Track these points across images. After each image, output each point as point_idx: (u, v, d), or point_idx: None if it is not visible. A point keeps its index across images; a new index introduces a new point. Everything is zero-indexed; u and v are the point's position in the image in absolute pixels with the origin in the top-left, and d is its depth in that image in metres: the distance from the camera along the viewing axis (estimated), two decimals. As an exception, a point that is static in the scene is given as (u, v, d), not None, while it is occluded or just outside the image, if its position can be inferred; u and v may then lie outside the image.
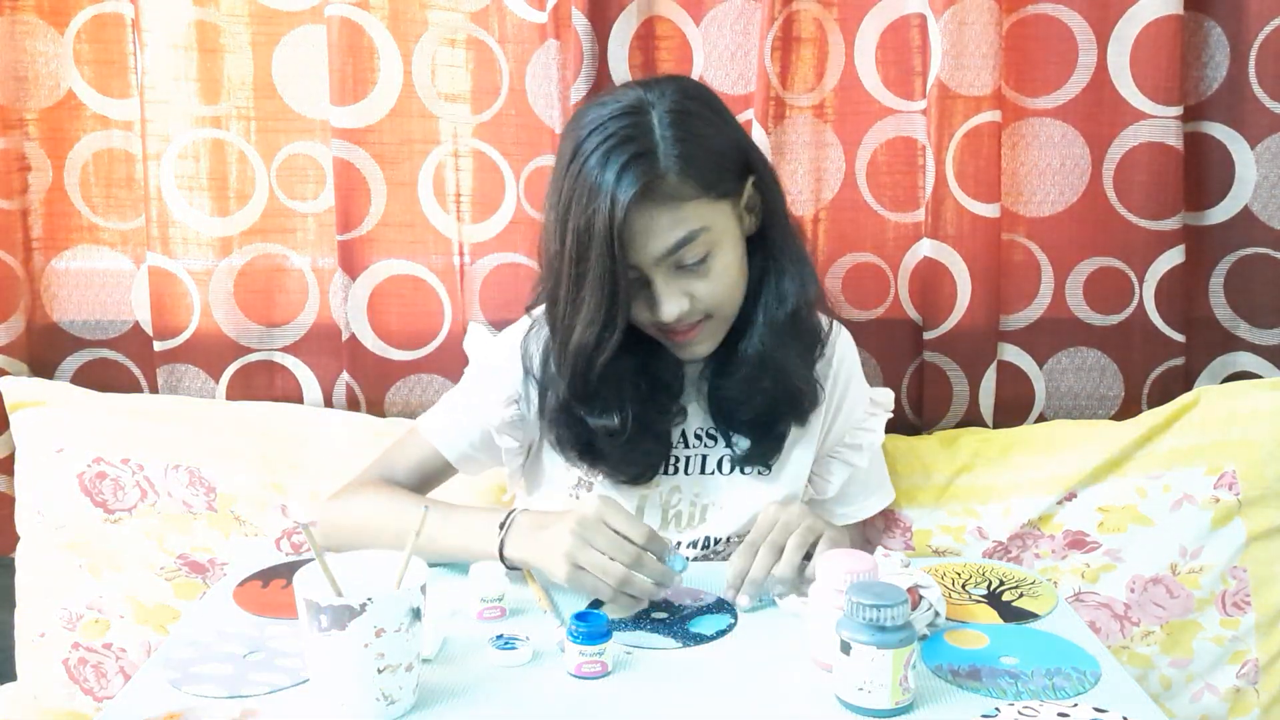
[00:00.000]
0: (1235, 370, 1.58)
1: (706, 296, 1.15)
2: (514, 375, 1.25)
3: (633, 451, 1.21)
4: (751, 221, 1.19)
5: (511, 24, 1.49)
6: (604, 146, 1.10)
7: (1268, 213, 1.54)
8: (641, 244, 1.11)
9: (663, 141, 1.10)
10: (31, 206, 1.55)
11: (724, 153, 1.15)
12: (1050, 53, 1.50)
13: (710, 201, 1.13)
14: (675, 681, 0.94)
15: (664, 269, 1.13)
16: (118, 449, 1.44)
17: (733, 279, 1.16)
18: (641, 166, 1.08)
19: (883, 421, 1.32)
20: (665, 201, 1.10)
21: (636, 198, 1.08)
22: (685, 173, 1.10)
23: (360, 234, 1.53)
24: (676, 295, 1.14)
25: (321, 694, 0.87)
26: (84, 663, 1.42)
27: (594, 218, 1.09)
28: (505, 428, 1.25)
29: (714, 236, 1.13)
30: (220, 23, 1.50)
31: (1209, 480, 1.42)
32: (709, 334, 1.18)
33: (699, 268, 1.14)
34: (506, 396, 1.25)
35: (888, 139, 1.53)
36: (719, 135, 1.16)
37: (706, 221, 1.12)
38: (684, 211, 1.11)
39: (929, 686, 0.93)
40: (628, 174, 1.08)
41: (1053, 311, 1.56)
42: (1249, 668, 1.41)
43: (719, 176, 1.14)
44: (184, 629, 1.04)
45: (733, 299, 1.18)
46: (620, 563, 1.02)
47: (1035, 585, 1.14)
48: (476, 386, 1.29)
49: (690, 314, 1.15)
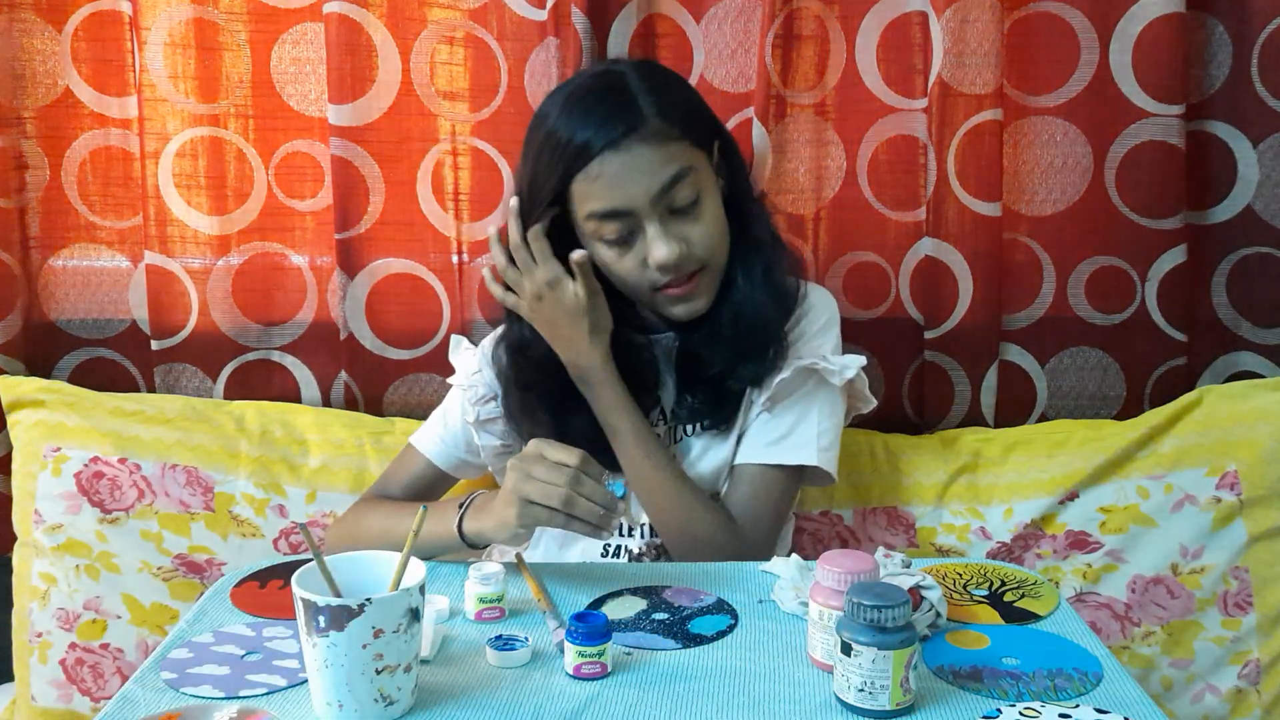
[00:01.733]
0: (1237, 370, 1.58)
1: (701, 241, 1.18)
2: (489, 375, 1.30)
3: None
4: (723, 185, 1.24)
5: (511, 22, 1.49)
6: (583, 102, 1.17)
7: (1270, 212, 1.54)
8: (635, 185, 1.15)
9: (639, 92, 1.16)
10: (29, 205, 1.54)
11: (695, 109, 1.22)
12: (1052, 51, 1.50)
13: (693, 147, 1.18)
14: (675, 682, 0.93)
15: (658, 212, 1.16)
16: (115, 448, 1.43)
17: (722, 226, 1.21)
18: (624, 111, 1.15)
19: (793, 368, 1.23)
20: (651, 140, 1.15)
21: (624, 139, 1.14)
22: (666, 115, 1.16)
23: (358, 232, 1.52)
24: (671, 238, 1.17)
25: (319, 695, 0.87)
26: (81, 663, 1.41)
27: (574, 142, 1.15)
28: (483, 426, 1.29)
29: (701, 179, 1.18)
30: (218, 20, 1.49)
31: (1211, 480, 1.42)
32: (705, 287, 1.21)
33: (691, 211, 1.18)
34: (482, 395, 1.30)
35: (889, 137, 1.52)
36: (688, 93, 1.24)
37: (693, 162, 1.17)
38: (671, 150, 1.16)
39: (930, 688, 0.92)
40: (613, 116, 1.15)
41: (1054, 311, 1.56)
42: (1250, 668, 1.40)
43: (695, 125, 1.20)
44: (181, 629, 1.04)
45: (723, 245, 1.21)
46: (558, 486, 1.03)
47: (1037, 586, 1.13)
48: (456, 392, 1.34)
49: (686, 260, 1.18)
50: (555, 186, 1.17)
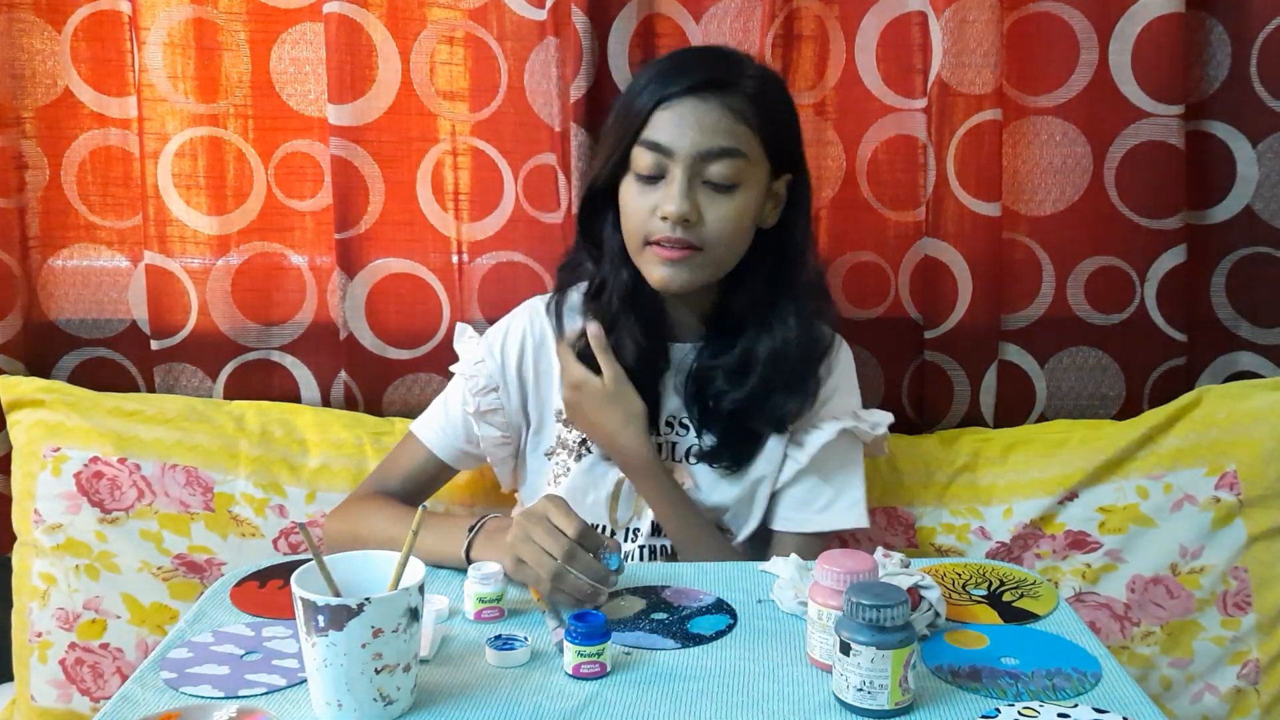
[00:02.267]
0: (1237, 370, 1.58)
1: (711, 224, 1.17)
2: (493, 366, 1.30)
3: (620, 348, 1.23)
4: (771, 212, 1.23)
5: (510, 21, 1.49)
6: (692, 53, 1.20)
7: (1269, 212, 1.54)
8: (689, 131, 1.16)
9: (750, 75, 1.18)
10: (28, 205, 1.54)
11: (785, 130, 1.22)
12: (1051, 51, 1.50)
13: (761, 145, 1.18)
14: (674, 682, 0.93)
15: (691, 170, 1.16)
16: (115, 449, 1.43)
17: (741, 226, 1.19)
18: (724, 67, 1.17)
19: (838, 429, 1.25)
20: (730, 108, 1.16)
21: (709, 86, 1.15)
22: (756, 102, 1.17)
23: (358, 232, 1.52)
24: (690, 199, 1.16)
25: (319, 695, 0.87)
26: (81, 663, 1.41)
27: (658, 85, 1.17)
28: (484, 416, 1.29)
29: (749, 175, 1.18)
30: (218, 20, 1.49)
31: (1210, 480, 1.42)
32: (690, 266, 1.19)
33: (721, 192, 1.17)
34: (483, 386, 1.30)
35: (888, 137, 1.52)
36: (791, 116, 1.24)
37: (751, 155, 1.17)
38: (741, 130, 1.16)
39: (929, 687, 0.92)
40: (710, 66, 1.17)
41: (1054, 311, 1.56)
42: (1250, 668, 1.40)
43: (776, 138, 1.20)
44: (181, 629, 1.04)
45: (730, 244, 1.20)
46: (551, 556, 1.02)
47: (1035, 586, 1.13)
48: (458, 381, 1.33)
49: (689, 228, 1.17)
50: (644, 111, 1.17)
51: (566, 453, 1.29)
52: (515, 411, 1.31)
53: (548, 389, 1.31)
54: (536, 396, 1.31)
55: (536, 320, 1.32)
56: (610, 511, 1.28)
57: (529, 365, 1.31)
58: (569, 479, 1.27)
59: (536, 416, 1.32)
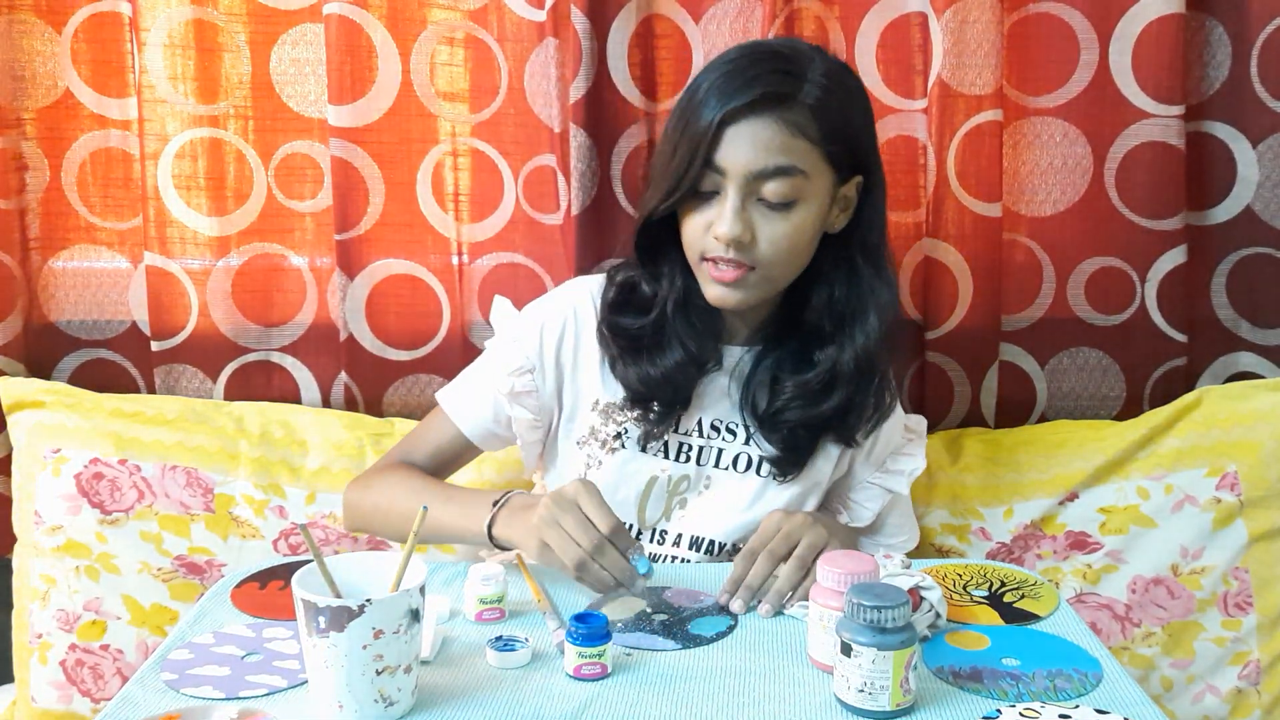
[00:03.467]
0: (1237, 370, 1.58)
1: (766, 243, 1.13)
2: (531, 345, 1.26)
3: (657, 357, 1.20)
4: (839, 217, 1.18)
5: (510, 23, 1.49)
6: (755, 54, 1.13)
7: (1270, 212, 1.54)
8: (741, 151, 1.11)
9: (812, 78, 1.11)
10: (29, 206, 1.54)
11: (854, 132, 1.16)
12: (1052, 52, 1.50)
13: (823, 158, 1.13)
14: (675, 683, 0.93)
15: (745, 189, 1.12)
16: (115, 450, 1.43)
17: (799, 243, 1.15)
18: (784, 79, 1.10)
19: (922, 448, 1.30)
20: (786, 124, 1.11)
21: (762, 102, 1.09)
22: (819, 113, 1.11)
23: (358, 233, 1.52)
24: (741, 221, 1.12)
25: (320, 696, 0.87)
26: (81, 664, 1.41)
27: (714, 100, 1.11)
28: (516, 398, 1.25)
29: (808, 190, 1.13)
30: (218, 22, 1.49)
31: (1211, 481, 1.42)
32: (748, 285, 1.16)
33: (777, 210, 1.13)
34: (519, 366, 1.25)
35: (889, 138, 1.52)
36: (860, 116, 1.17)
37: (810, 170, 1.12)
38: (797, 145, 1.11)
39: (930, 688, 0.92)
40: (766, 78, 1.10)
41: (1054, 311, 1.56)
42: (1250, 669, 1.40)
43: (842, 144, 1.14)
44: (182, 630, 1.04)
45: (787, 263, 1.16)
46: (582, 547, 1.02)
47: (1036, 586, 1.13)
48: (492, 358, 1.29)
49: (743, 251, 1.13)
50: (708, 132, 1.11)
51: (599, 444, 1.25)
52: (550, 395, 1.26)
53: (586, 375, 1.25)
54: (573, 382, 1.26)
55: (580, 304, 1.26)
56: (639, 510, 1.24)
57: (568, 349, 1.25)
58: (600, 472, 1.24)
59: (571, 402, 1.26)
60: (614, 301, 1.24)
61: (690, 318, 1.22)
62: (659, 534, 1.25)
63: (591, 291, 1.27)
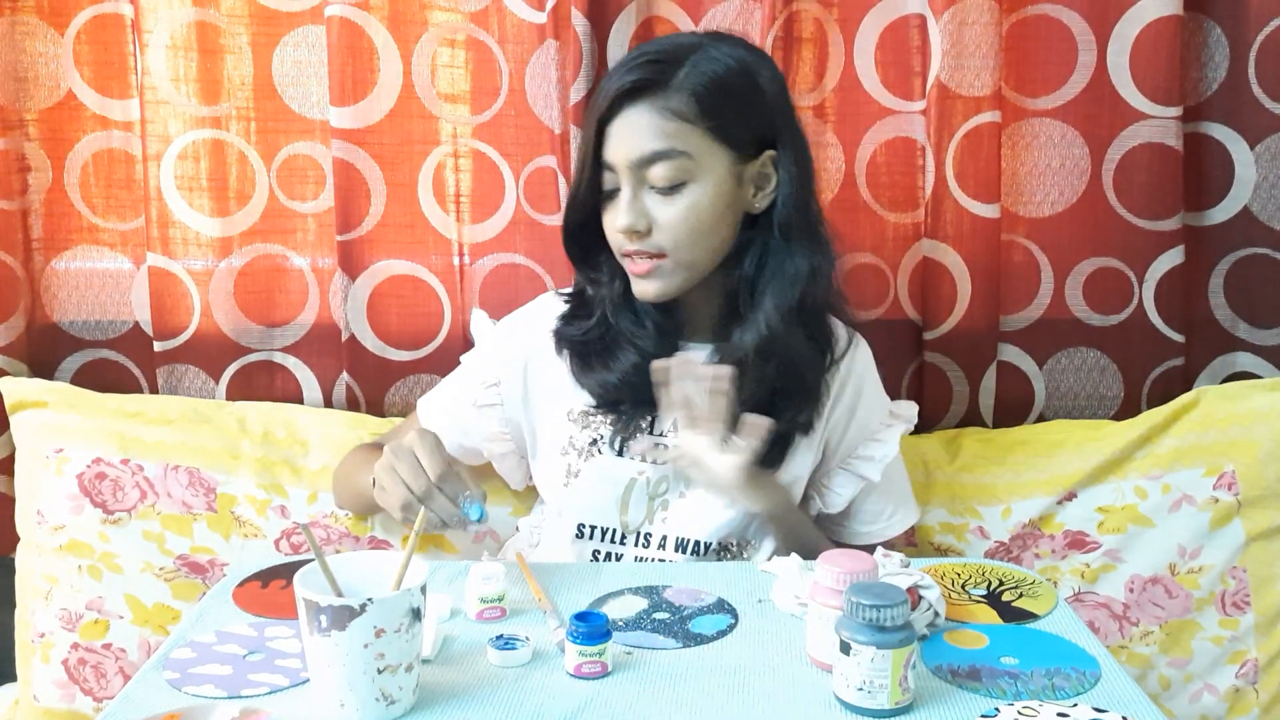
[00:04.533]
0: (1235, 370, 1.58)
1: (665, 227, 1.15)
2: (500, 359, 1.29)
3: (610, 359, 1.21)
4: (759, 197, 1.19)
5: (511, 24, 1.49)
6: (636, 53, 1.17)
7: (1267, 213, 1.54)
8: (620, 143, 1.14)
9: (690, 65, 1.14)
10: (31, 207, 1.55)
11: (747, 110, 1.16)
12: (1050, 53, 1.50)
13: (707, 136, 1.14)
14: (675, 682, 0.94)
15: (634, 179, 1.15)
16: (117, 450, 1.44)
17: (698, 223, 1.15)
18: (654, 68, 1.13)
19: (898, 434, 1.29)
20: (660, 109, 1.13)
21: (632, 89, 1.12)
22: (693, 94, 1.13)
23: (360, 234, 1.53)
24: (634, 210, 1.15)
25: (321, 695, 0.87)
26: (84, 663, 1.42)
27: (596, 102, 1.15)
28: (481, 410, 1.28)
29: (694, 169, 1.14)
30: (220, 23, 1.50)
31: (1208, 481, 1.42)
32: (661, 274, 1.17)
33: (667, 194, 1.14)
34: (483, 379, 1.29)
35: (887, 139, 1.53)
36: (755, 93, 1.16)
37: (693, 150, 1.14)
38: (673, 127, 1.13)
39: (928, 687, 0.93)
40: (637, 69, 1.13)
41: (1052, 312, 1.56)
42: (1248, 668, 1.41)
43: (729, 123, 1.15)
44: (184, 629, 1.04)
45: (691, 244, 1.16)
46: (411, 491, 1.05)
47: (1035, 585, 1.14)
48: (462, 371, 1.33)
49: (642, 238, 1.15)
50: (593, 134, 1.16)
51: (576, 453, 1.26)
52: (516, 409, 1.28)
53: (558, 386, 1.26)
54: (545, 397, 1.27)
55: (551, 316, 1.28)
56: (622, 514, 1.25)
57: (537, 365, 1.27)
58: (580, 479, 1.25)
59: (545, 415, 1.28)
60: (564, 313, 1.27)
61: (639, 316, 1.23)
62: (644, 537, 1.25)
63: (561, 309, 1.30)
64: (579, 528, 1.25)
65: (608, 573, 1.16)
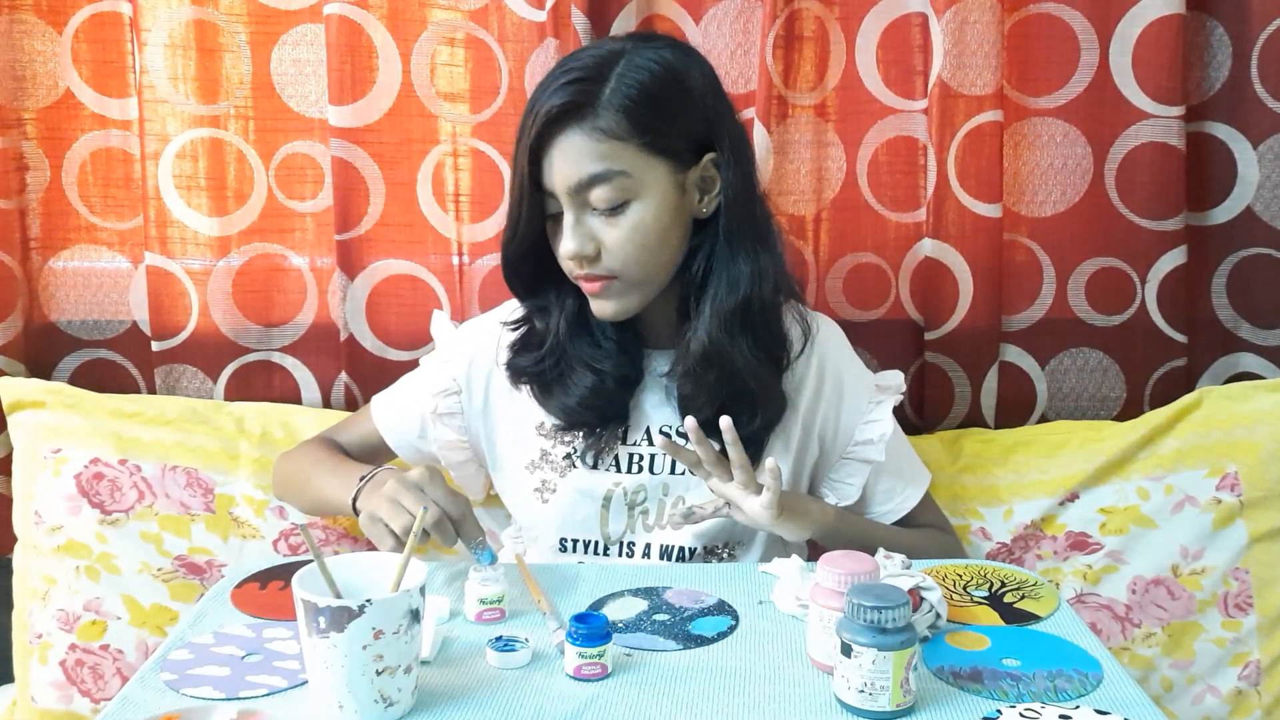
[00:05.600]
0: (1237, 371, 1.58)
1: (612, 249, 1.12)
2: (460, 366, 1.26)
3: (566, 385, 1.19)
4: (706, 202, 1.16)
5: (511, 23, 1.49)
6: (560, 68, 1.12)
7: (1270, 213, 1.54)
8: (557, 168, 1.11)
9: (616, 76, 1.10)
10: (29, 206, 1.54)
11: (680, 117, 1.13)
12: (1052, 52, 1.50)
13: (643, 152, 1.11)
14: (675, 683, 0.93)
15: (575, 204, 1.12)
16: (115, 450, 1.43)
17: (645, 241, 1.12)
18: (579, 89, 1.09)
19: (888, 408, 1.25)
20: (591, 131, 1.09)
21: (560, 114, 1.09)
22: (623, 110, 1.09)
23: (359, 234, 1.52)
24: (580, 235, 1.12)
25: (320, 696, 0.87)
26: (81, 664, 1.41)
27: (525, 128, 1.11)
28: (441, 419, 1.26)
29: (635, 187, 1.11)
30: (219, 22, 1.49)
31: (1211, 482, 1.42)
32: (614, 294, 1.15)
33: (610, 215, 1.12)
34: (444, 388, 1.26)
35: (889, 138, 1.52)
36: (682, 97, 1.13)
37: (630, 168, 1.10)
38: (607, 148, 1.10)
39: (930, 689, 0.92)
40: (562, 91, 1.09)
41: (1055, 312, 1.56)
42: (1251, 669, 1.40)
43: (663, 134, 1.11)
44: (182, 631, 1.04)
45: (641, 262, 1.13)
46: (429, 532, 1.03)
47: (1037, 587, 1.13)
48: (421, 375, 1.30)
49: (592, 263, 1.13)
50: (527, 161, 1.11)
51: (550, 467, 1.24)
52: (476, 419, 1.26)
53: (524, 399, 1.24)
54: (511, 406, 1.25)
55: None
56: (602, 526, 1.23)
57: (500, 374, 1.25)
58: (556, 496, 1.23)
59: (506, 428, 1.26)
60: (514, 342, 1.23)
61: (594, 337, 1.20)
62: (627, 547, 1.24)
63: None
64: (561, 542, 1.25)
65: (608, 574, 1.16)
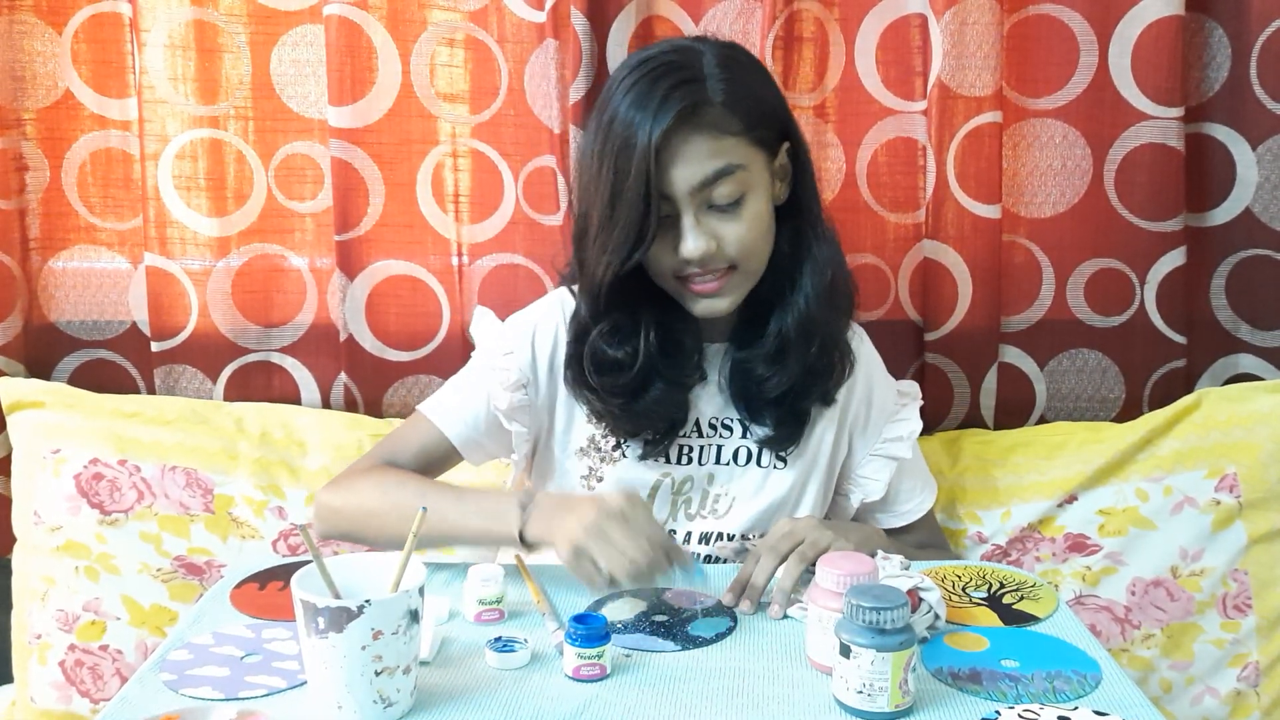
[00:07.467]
0: (1237, 372, 1.58)
1: (735, 242, 1.14)
2: (523, 359, 1.24)
3: (641, 399, 1.19)
4: (782, 189, 1.19)
5: (510, 24, 1.49)
6: (651, 74, 1.11)
7: (1269, 214, 1.54)
8: (678, 171, 1.11)
9: (711, 75, 1.11)
10: (29, 206, 1.54)
11: (767, 105, 1.16)
12: (1051, 53, 1.50)
13: (751, 144, 1.13)
14: (674, 684, 0.93)
15: (695, 203, 1.12)
16: (115, 450, 1.43)
17: (763, 229, 1.16)
18: (688, 90, 1.10)
19: (916, 410, 1.30)
20: (707, 129, 1.10)
21: (679, 119, 1.09)
22: (731, 105, 1.11)
23: (358, 234, 1.52)
24: (703, 234, 1.13)
25: (319, 696, 0.87)
26: (81, 665, 1.41)
27: (634, 137, 1.09)
28: (514, 413, 1.24)
29: (750, 179, 1.13)
30: (218, 22, 1.49)
31: (1210, 483, 1.42)
32: (732, 287, 1.16)
33: (730, 210, 1.13)
34: (514, 381, 1.23)
35: (888, 139, 1.52)
36: (765, 88, 1.18)
37: (745, 160, 1.12)
38: (725, 144, 1.11)
39: (929, 689, 0.92)
40: (674, 96, 1.09)
41: (1054, 313, 1.56)
42: (1250, 671, 1.40)
43: (761, 123, 1.14)
44: (181, 631, 1.04)
45: (760, 252, 1.16)
46: (635, 561, 1.01)
47: (1036, 588, 1.13)
48: (485, 371, 1.26)
49: (715, 259, 1.14)
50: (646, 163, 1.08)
51: (599, 455, 1.24)
52: (542, 408, 1.25)
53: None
54: (566, 393, 1.24)
55: (567, 314, 1.24)
56: None
57: (561, 360, 1.24)
58: (604, 485, 1.24)
59: (566, 413, 1.25)
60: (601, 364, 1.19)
61: (668, 350, 1.20)
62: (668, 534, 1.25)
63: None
64: None
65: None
